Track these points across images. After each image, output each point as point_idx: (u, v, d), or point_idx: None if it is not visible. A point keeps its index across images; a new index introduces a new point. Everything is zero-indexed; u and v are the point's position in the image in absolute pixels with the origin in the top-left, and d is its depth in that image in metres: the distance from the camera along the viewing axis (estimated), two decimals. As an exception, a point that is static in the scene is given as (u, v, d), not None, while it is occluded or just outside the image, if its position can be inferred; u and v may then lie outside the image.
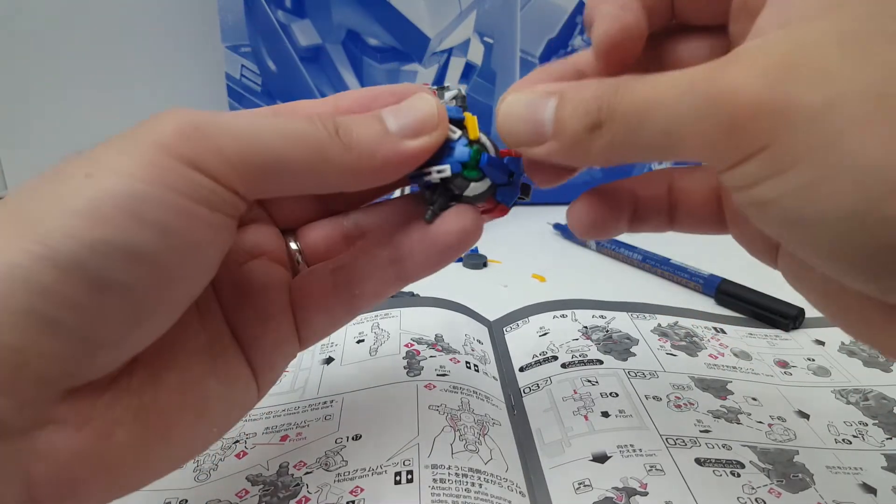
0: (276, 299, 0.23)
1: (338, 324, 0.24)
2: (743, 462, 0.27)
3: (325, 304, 0.23)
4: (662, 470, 0.26)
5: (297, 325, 0.23)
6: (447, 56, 0.57)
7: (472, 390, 0.31)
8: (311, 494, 0.25)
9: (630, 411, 0.30)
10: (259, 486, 0.26)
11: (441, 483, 0.25)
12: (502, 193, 0.22)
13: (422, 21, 0.55)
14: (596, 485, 0.26)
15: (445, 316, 0.38)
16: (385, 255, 0.23)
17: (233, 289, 0.22)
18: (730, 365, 0.35)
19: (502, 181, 0.22)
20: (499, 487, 0.26)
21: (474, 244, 0.23)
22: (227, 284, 0.22)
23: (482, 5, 0.55)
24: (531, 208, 0.60)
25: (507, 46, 0.57)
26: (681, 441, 0.28)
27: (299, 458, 0.27)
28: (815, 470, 0.27)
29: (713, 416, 0.30)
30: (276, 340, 0.23)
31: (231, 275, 0.22)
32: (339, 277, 0.23)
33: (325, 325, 0.24)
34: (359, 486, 0.25)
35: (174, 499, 0.26)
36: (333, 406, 0.31)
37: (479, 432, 0.28)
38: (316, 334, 0.24)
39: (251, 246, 0.23)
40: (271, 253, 0.24)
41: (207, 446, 0.22)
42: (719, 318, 0.40)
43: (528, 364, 0.35)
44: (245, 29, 0.56)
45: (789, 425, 0.30)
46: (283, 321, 0.23)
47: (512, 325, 0.39)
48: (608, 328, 0.37)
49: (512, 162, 0.22)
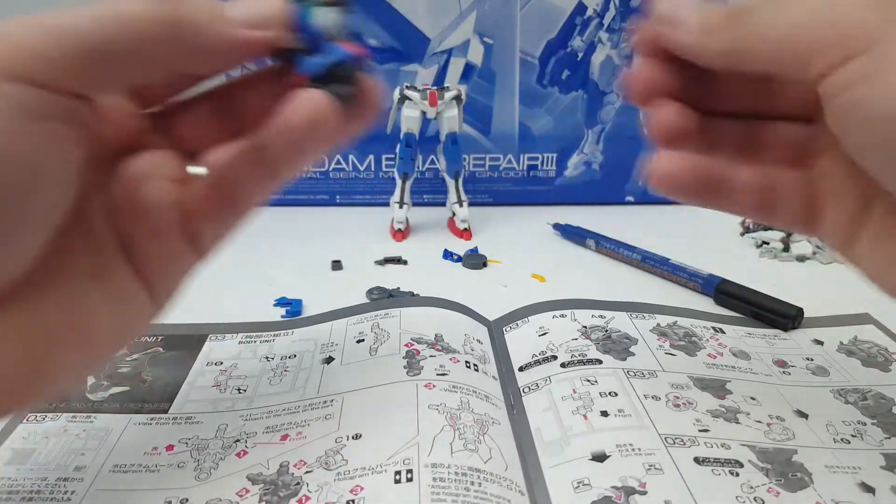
0: (165, 217, 0.23)
1: (228, 229, 0.25)
2: (741, 461, 0.27)
3: (212, 212, 0.24)
4: (661, 469, 0.27)
5: (193, 237, 0.24)
6: (447, 56, 0.57)
7: (472, 390, 0.31)
8: (312, 493, 0.25)
9: (629, 411, 0.30)
10: (259, 485, 0.26)
11: (441, 482, 0.25)
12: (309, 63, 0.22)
13: (422, 21, 0.56)
14: (595, 484, 0.26)
15: (445, 316, 0.38)
16: (254, 151, 0.23)
17: (125, 213, 0.23)
18: (728, 364, 0.35)
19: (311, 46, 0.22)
20: (498, 486, 0.26)
21: (329, 131, 0.23)
22: (120, 209, 0.23)
23: (482, 6, 0.55)
24: (531, 208, 0.60)
25: (506, 47, 0.57)
26: (679, 440, 0.28)
27: (299, 458, 0.27)
28: (814, 469, 0.27)
29: (712, 416, 0.30)
30: (170, 255, 0.24)
31: (123, 199, 0.23)
32: (218, 183, 0.24)
33: (217, 233, 0.25)
34: (359, 484, 0.25)
35: (175, 497, 0.26)
36: (333, 405, 0.31)
37: (478, 431, 0.29)
38: (211, 242, 0.25)
39: (144, 170, 0.23)
40: (168, 175, 0.24)
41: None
42: (718, 318, 0.40)
43: (528, 363, 0.35)
44: (245, 29, 0.56)
45: (788, 425, 0.30)
46: (172, 236, 0.24)
47: (511, 325, 0.39)
48: (607, 328, 0.37)
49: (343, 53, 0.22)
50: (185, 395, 0.32)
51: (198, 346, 0.36)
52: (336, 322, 0.39)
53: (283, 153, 0.23)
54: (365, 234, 0.54)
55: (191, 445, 0.29)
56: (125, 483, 0.26)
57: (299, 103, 0.22)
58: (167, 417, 0.30)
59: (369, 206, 0.61)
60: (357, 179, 0.61)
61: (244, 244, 0.26)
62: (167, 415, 0.31)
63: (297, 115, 0.22)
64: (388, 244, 0.53)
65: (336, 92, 0.22)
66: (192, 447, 0.28)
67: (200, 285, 0.28)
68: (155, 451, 0.28)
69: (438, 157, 0.56)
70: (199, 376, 0.34)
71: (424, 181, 0.60)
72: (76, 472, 0.27)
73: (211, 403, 0.32)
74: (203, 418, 0.30)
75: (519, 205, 0.61)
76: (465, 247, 0.52)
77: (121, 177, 0.23)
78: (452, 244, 0.52)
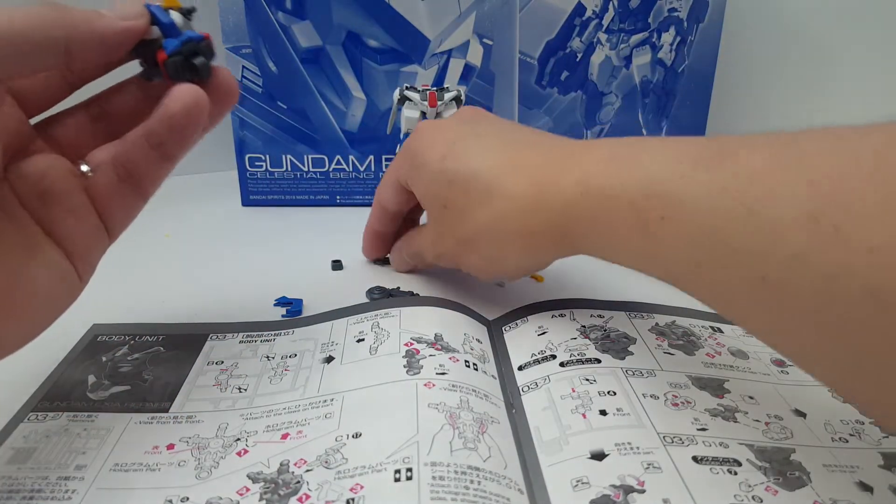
0: (77, 201, 0.28)
1: (135, 210, 0.30)
2: (740, 460, 0.27)
3: (118, 195, 0.29)
4: (660, 468, 0.27)
5: (103, 218, 0.29)
6: (447, 57, 0.57)
7: (472, 389, 0.31)
8: (312, 492, 0.25)
9: (628, 409, 0.30)
10: (260, 484, 0.26)
11: (440, 480, 0.25)
12: (167, 42, 0.28)
13: (421, 22, 0.56)
14: (594, 482, 0.26)
15: (445, 315, 0.38)
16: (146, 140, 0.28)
17: (36, 200, 0.27)
18: (727, 364, 0.35)
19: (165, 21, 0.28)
20: (497, 485, 0.26)
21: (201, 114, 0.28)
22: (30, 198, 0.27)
23: (481, 7, 0.56)
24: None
25: (506, 48, 0.57)
26: (678, 439, 0.28)
27: (300, 456, 0.28)
28: (812, 468, 0.27)
29: (710, 415, 0.30)
30: (85, 233, 0.28)
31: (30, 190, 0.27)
32: (119, 170, 0.29)
33: (125, 214, 0.30)
34: (359, 483, 0.26)
35: (175, 497, 0.26)
36: (333, 404, 0.31)
37: (478, 430, 0.29)
38: (120, 222, 0.30)
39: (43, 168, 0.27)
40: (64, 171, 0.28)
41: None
42: (717, 317, 0.40)
43: (527, 363, 0.35)
44: (246, 30, 0.56)
45: (786, 423, 0.30)
46: (87, 217, 0.28)
47: (511, 325, 0.39)
48: (606, 327, 0.38)
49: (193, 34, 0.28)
50: (186, 394, 0.32)
51: (198, 346, 0.36)
52: (336, 322, 0.39)
53: (169, 137, 0.28)
54: (365, 235, 0.54)
55: (191, 444, 0.29)
56: (126, 482, 0.27)
57: (176, 93, 0.27)
58: (168, 416, 0.31)
59: (369, 207, 0.61)
60: (357, 179, 0.61)
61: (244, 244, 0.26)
62: (168, 414, 0.31)
63: (175, 103, 0.27)
64: (388, 244, 0.53)
65: (192, 62, 0.28)
66: (193, 446, 0.29)
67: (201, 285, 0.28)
68: (155, 449, 0.28)
69: (438, 157, 0.56)
70: (199, 375, 0.34)
71: (424, 181, 0.60)
72: (77, 470, 0.27)
73: (211, 402, 0.32)
74: (204, 417, 0.31)
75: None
76: (465, 247, 0.52)
77: (22, 175, 0.27)
78: (452, 244, 0.52)
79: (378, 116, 0.59)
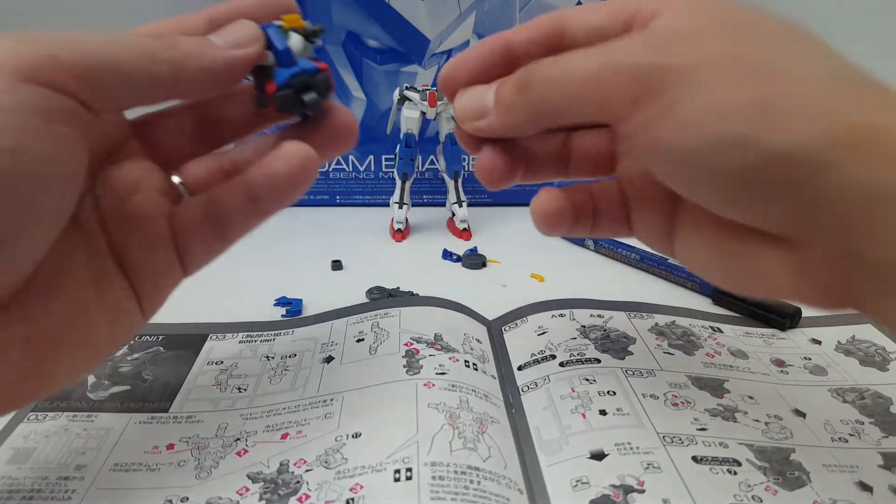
0: (158, 230, 0.25)
1: (214, 253, 0.26)
2: (739, 460, 0.27)
3: (201, 234, 0.25)
4: (659, 468, 0.27)
5: (180, 253, 0.25)
6: (447, 57, 0.57)
7: (471, 389, 0.31)
8: (311, 492, 0.25)
9: (627, 409, 0.30)
10: (259, 484, 0.26)
11: (440, 480, 0.25)
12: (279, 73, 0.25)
13: (421, 22, 0.56)
14: (594, 482, 0.26)
15: (445, 315, 0.38)
16: (243, 190, 0.25)
17: (117, 221, 0.24)
18: (726, 364, 0.35)
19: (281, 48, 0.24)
20: (497, 485, 0.26)
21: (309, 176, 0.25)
22: (112, 217, 0.24)
23: (481, 7, 0.56)
24: (530, 209, 0.60)
25: (506, 47, 0.57)
26: (678, 439, 0.28)
27: (299, 456, 0.28)
28: (812, 468, 0.27)
29: (710, 415, 0.30)
30: (159, 268, 0.25)
31: (114, 207, 0.24)
32: (209, 210, 0.25)
33: (203, 255, 0.26)
34: (358, 483, 0.26)
35: (175, 496, 0.26)
36: (333, 404, 0.31)
37: (477, 430, 0.29)
38: (196, 262, 0.26)
39: (133, 179, 0.25)
40: (155, 186, 0.25)
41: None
42: (716, 318, 0.40)
43: (527, 363, 0.35)
44: (245, 30, 0.56)
45: (786, 423, 0.30)
46: (164, 250, 0.25)
47: (511, 325, 0.39)
48: (606, 327, 0.38)
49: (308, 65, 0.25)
50: (186, 394, 0.32)
51: (198, 346, 0.36)
52: (336, 321, 0.39)
53: (268, 195, 0.25)
54: (365, 234, 0.54)
55: (191, 444, 0.29)
56: (126, 482, 0.27)
57: (283, 152, 0.24)
58: (168, 416, 0.31)
59: (369, 207, 0.61)
60: (357, 179, 0.61)
61: (244, 244, 0.26)
62: (168, 414, 0.31)
63: (279, 163, 0.24)
64: (388, 244, 0.53)
65: (302, 97, 0.25)
66: (193, 446, 0.29)
67: (201, 285, 0.28)
68: (155, 449, 0.28)
69: (438, 157, 0.56)
70: (199, 375, 0.34)
71: (424, 181, 0.60)
72: (77, 470, 0.27)
73: (211, 402, 0.32)
74: (203, 417, 0.31)
75: (518, 205, 0.61)
76: (465, 247, 0.52)
77: (109, 184, 0.24)
78: (452, 244, 0.52)
79: (378, 116, 0.59)
